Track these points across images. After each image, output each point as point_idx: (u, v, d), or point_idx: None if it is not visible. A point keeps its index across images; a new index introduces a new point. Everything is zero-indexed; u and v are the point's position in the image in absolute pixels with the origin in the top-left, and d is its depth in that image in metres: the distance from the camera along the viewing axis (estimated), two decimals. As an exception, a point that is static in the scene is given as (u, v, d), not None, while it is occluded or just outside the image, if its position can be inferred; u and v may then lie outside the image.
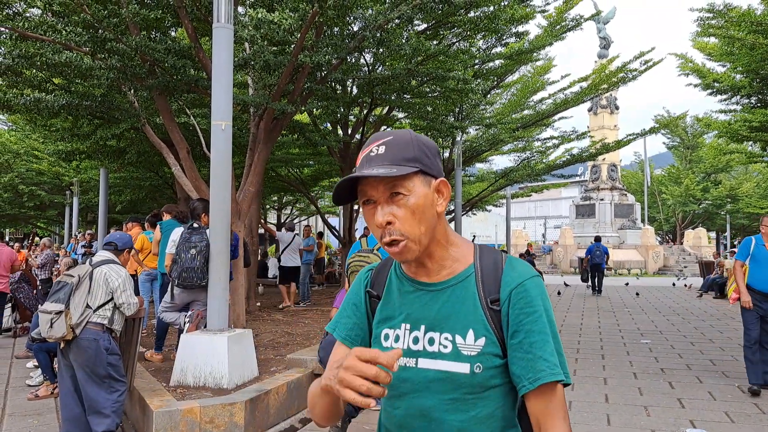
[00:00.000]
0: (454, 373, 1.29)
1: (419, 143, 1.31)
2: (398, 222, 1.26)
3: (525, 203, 76.30)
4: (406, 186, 1.26)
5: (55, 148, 14.47)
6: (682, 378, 7.16)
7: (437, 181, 1.32)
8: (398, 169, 1.24)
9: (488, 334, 1.29)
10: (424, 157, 1.30)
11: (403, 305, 1.38)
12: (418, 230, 1.27)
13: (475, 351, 1.28)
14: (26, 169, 22.25)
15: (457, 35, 10.73)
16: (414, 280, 1.39)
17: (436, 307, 1.34)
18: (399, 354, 1.11)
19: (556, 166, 18.59)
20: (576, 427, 5.26)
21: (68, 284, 4.43)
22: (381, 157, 1.27)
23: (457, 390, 1.29)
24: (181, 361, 5.41)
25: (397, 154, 1.27)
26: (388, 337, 1.38)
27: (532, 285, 1.31)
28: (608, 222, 35.48)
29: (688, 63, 14.50)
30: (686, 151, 47.17)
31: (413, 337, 1.35)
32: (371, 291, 1.46)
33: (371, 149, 1.29)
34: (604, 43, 37.02)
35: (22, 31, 7.03)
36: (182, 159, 8.23)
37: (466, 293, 1.33)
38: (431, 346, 1.32)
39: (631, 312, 14.12)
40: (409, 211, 1.26)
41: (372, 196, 1.28)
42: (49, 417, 5.54)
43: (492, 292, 1.32)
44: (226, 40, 5.67)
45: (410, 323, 1.36)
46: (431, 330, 1.33)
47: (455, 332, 1.30)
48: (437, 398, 1.30)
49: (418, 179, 1.28)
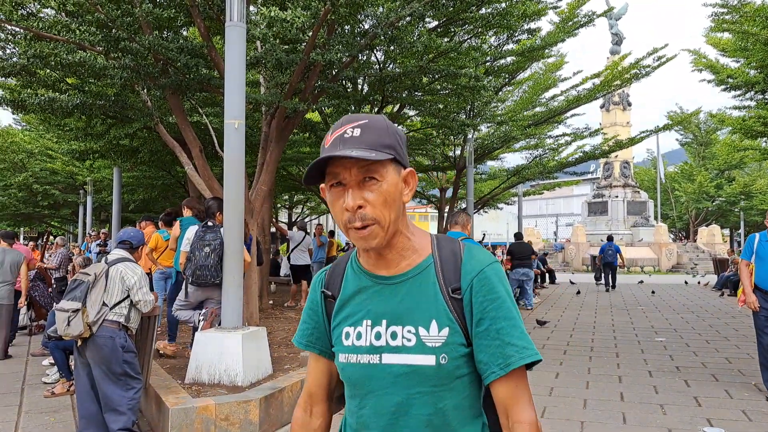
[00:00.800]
0: (420, 366, 1.27)
1: (394, 131, 1.29)
2: (369, 206, 1.23)
3: (537, 201, 76.00)
4: (380, 172, 1.24)
5: (69, 147, 14.59)
6: (698, 376, 7.10)
7: (406, 171, 1.31)
8: (377, 153, 1.21)
9: (452, 324, 1.28)
10: (397, 145, 1.28)
11: (362, 301, 1.36)
12: (388, 216, 1.25)
13: (440, 342, 1.27)
14: (40, 169, 22.45)
15: (469, 32, 10.69)
16: (372, 274, 1.36)
17: (396, 301, 1.32)
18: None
19: (569, 163, 18.50)
20: (591, 425, 5.24)
21: (84, 282, 4.46)
22: (357, 140, 1.23)
23: (425, 383, 1.27)
24: (196, 358, 5.43)
25: (375, 138, 1.24)
26: (348, 335, 1.35)
27: (491, 271, 1.31)
28: (621, 219, 35.26)
29: (702, 59, 14.38)
30: (699, 147, 46.82)
31: (375, 332, 1.32)
32: (326, 291, 1.43)
33: (345, 130, 1.25)
34: (617, 39, 36.77)
35: (37, 31, 7.09)
36: (195, 158, 8.27)
37: (427, 284, 1.31)
38: (394, 340, 1.30)
39: (644, 310, 14.03)
40: (381, 197, 1.24)
41: (344, 179, 1.24)
42: (66, 414, 5.59)
43: (452, 281, 1.30)
44: (238, 39, 5.68)
45: (371, 319, 1.33)
46: (393, 324, 1.31)
47: (418, 324, 1.29)
48: (405, 393, 1.29)
49: (392, 166, 1.27)
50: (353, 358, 1.33)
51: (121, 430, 4.37)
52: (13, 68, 8.04)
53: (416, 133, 16.10)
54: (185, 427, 4.43)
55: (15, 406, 5.87)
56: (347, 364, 1.34)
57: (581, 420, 5.38)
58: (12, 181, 22.57)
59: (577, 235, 34.26)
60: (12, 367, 7.74)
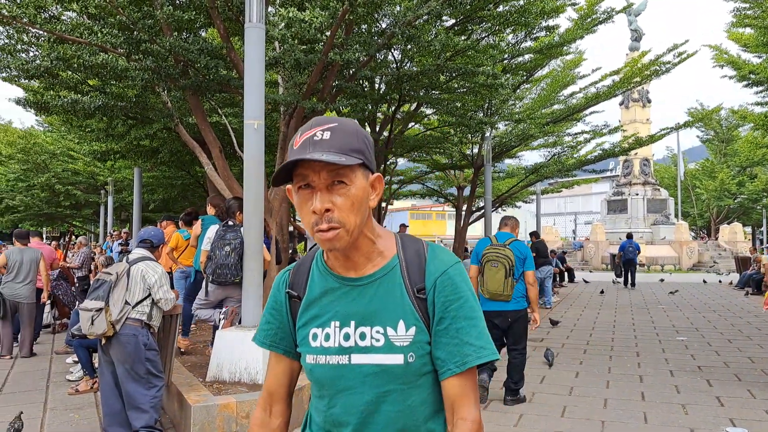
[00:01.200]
0: (389, 365, 1.30)
1: (363, 135, 1.30)
2: (337, 210, 1.25)
3: (555, 199, 75.55)
4: (349, 176, 1.25)
5: (90, 148, 14.80)
6: (720, 376, 7.02)
7: (374, 176, 1.33)
8: (346, 158, 1.22)
9: (418, 323, 1.32)
10: (366, 150, 1.29)
11: (330, 303, 1.37)
12: (354, 220, 1.27)
13: (407, 341, 1.31)
14: (62, 169, 22.79)
15: (486, 30, 10.66)
16: (339, 276, 1.37)
17: (364, 302, 1.34)
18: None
19: (587, 161, 18.36)
20: (612, 425, 5.21)
21: (106, 282, 4.53)
22: (326, 143, 1.23)
23: (394, 381, 1.31)
24: (217, 356, 5.48)
25: (344, 142, 1.25)
26: (316, 336, 1.37)
27: (455, 272, 1.34)
28: (641, 217, 34.87)
29: (723, 54, 14.17)
30: (721, 144, 46.16)
31: (344, 333, 1.34)
32: (291, 292, 1.44)
33: (315, 133, 1.26)
34: (636, 36, 36.35)
35: (60, 33, 7.19)
36: (215, 158, 8.34)
37: (393, 285, 1.34)
38: (363, 340, 1.32)
39: (665, 309, 13.89)
40: (349, 201, 1.25)
41: (312, 182, 1.25)
42: (89, 411, 5.67)
43: (417, 281, 1.34)
44: (257, 40, 5.72)
45: (339, 320, 1.35)
46: (362, 325, 1.33)
47: (386, 324, 1.32)
48: (374, 392, 1.32)
49: (360, 171, 1.28)
50: (322, 359, 1.35)
51: (143, 428, 4.43)
52: (36, 70, 8.17)
53: (434, 131, 16.08)
54: (207, 425, 4.48)
55: (40, 403, 5.97)
56: (316, 365, 1.37)
57: (602, 419, 5.35)
58: (35, 181, 22.93)
59: (596, 233, 33.96)
60: (37, 364, 7.87)
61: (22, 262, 8.32)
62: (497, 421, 5.33)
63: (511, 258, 5.70)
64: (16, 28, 7.92)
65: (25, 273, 8.34)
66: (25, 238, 8.75)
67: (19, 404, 5.91)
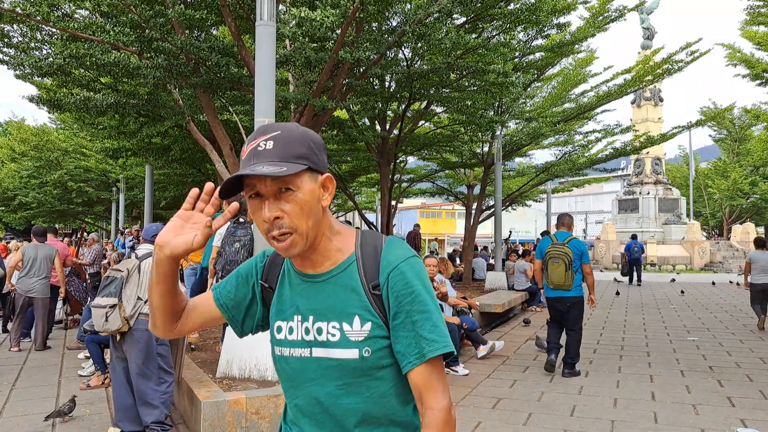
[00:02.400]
0: (344, 359, 1.34)
1: (307, 139, 1.32)
2: (287, 216, 1.28)
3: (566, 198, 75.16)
4: (295, 182, 1.28)
5: (102, 145, 14.91)
6: (732, 376, 6.97)
7: (323, 176, 1.35)
8: (288, 167, 1.25)
9: (374, 319, 1.34)
10: (312, 154, 1.31)
11: (293, 297, 1.42)
12: (306, 224, 1.30)
13: (362, 336, 1.33)
14: (75, 166, 22.94)
15: (497, 28, 10.64)
16: (300, 272, 1.42)
17: (321, 298, 1.38)
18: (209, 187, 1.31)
19: (598, 160, 18.25)
20: (622, 424, 5.19)
21: (118, 278, 4.57)
22: (270, 153, 1.26)
23: (349, 375, 1.35)
24: (227, 353, 5.51)
25: (287, 150, 1.27)
26: (281, 329, 1.43)
27: (406, 266, 1.35)
28: (652, 217, 34.66)
29: (737, 53, 14.06)
30: (733, 143, 45.75)
31: (304, 327, 1.39)
32: (264, 283, 1.49)
33: (258, 143, 1.28)
34: (648, 34, 36.10)
35: (73, 31, 7.25)
36: (225, 155, 8.38)
37: (350, 281, 1.37)
38: (320, 335, 1.37)
39: (676, 308, 13.81)
40: (298, 206, 1.28)
41: (260, 191, 1.28)
42: (101, 406, 5.72)
43: (373, 277, 1.36)
44: (268, 38, 5.73)
45: (301, 315, 1.40)
46: (319, 320, 1.37)
47: (342, 320, 1.35)
48: (332, 384, 1.36)
49: (306, 175, 1.30)
50: (287, 352, 1.41)
51: (154, 423, 4.47)
52: (49, 68, 8.25)
53: (444, 129, 16.06)
54: (217, 421, 4.51)
55: (53, 398, 6.03)
56: (281, 357, 1.42)
57: (611, 419, 5.33)
58: (48, 178, 23.11)
59: (606, 232, 33.79)
60: (49, 359, 7.94)
61: (36, 258, 8.45)
62: (506, 419, 5.33)
63: (569, 255, 6.82)
64: (29, 26, 7.99)
65: (39, 269, 8.46)
66: (42, 236, 8.88)
67: (32, 399, 5.98)
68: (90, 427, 5.09)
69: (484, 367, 7.45)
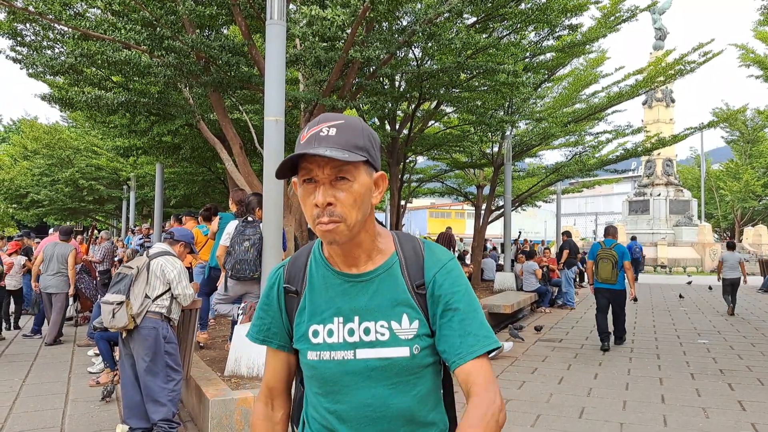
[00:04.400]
0: (395, 358, 1.34)
1: (368, 133, 1.33)
2: (339, 205, 1.27)
3: (576, 199, 74.83)
4: (353, 172, 1.28)
5: (114, 144, 14.98)
6: (743, 380, 6.91)
7: (378, 174, 1.36)
8: (350, 155, 1.25)
9: (420, 317, 1.36)
10: (371, 148, 1.32)
11: (331, 299, 1.39)
12: (355, 216, 1.29)
13: (411, 334, 1.35)
14: (86, 165, 23.10)
15: (508, 28, 10.59)
16: (340, 272, 1.40)
17: (366, 297, 1.37)
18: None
19: (609, 161, 18.14)
20: (631, 427, 5.15)
21: (128, 276, 4.59)
22: (332, 139, 1.26)
23: (400, 374, 1.34)
24: (235, 351, 5.52)
25: (349, 139, 1.28)
26: (317, 333, 1.39)
27: (453, 266, 1.40)
28: (663, 218, 34.41)
29: (750, 54, 13.95)
30: (746, 145, 45.33)
31: (348, 329, 1.36)
32: (288, 287, 1.45)
33: (321, 129, 1.28)
34: (660, 34, 35.87)
35: (84, 30, 7.28)
36: (235, 154, 8.40)
37: (395, 280, 1.38)
38: (368, 335, 1.35)
39: (687, 311, 13.71)
40: (352, 197, 1.28)
41: (316, 176, 1.28)
42: (110, 404, 5.75)
43: (417, 277, 1.38)
44: (279, 37, 5.74)
45: (343, 316, 1.37)
46: (366, 320, 1.36)
47: (390, 318, 1.35)
48: (381, 385, 1.34)
49: (364, 168, 1.31)
50: (326, 355, 1.36)
51: (161, 420, 4.48)
52: (61, 67, 8.29)
53: (453, 129, 16.02)
54: (225, 418, 4.52)
55: (62, 395, 6.06)
56: (319, 362, 1.37)
57: (620, 421, 5.30)
58: (59, 176, 23.27)
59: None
60: (59, 356, 8.00)
61: (53, 256, 8.87)
62: (515, 421, 5.31)
63: (615, 256, 8.93)
64: (42, 25, 8.04)
65: (55, 266, 8.86)
66: (66, 234, 9.38)
67: (42, 395, 6.02)
68: (99, 424, 5.12)
69: (492, 367, 7.42)
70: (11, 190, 26.82)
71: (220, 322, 8.57)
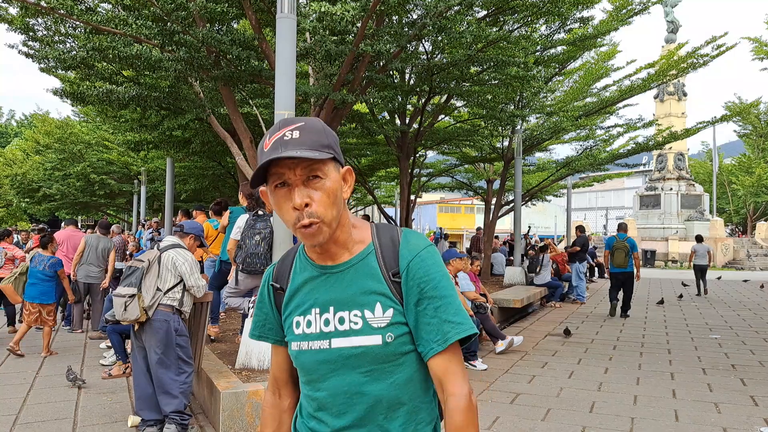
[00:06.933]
0: (368, 346, 1.36)
1: (329, 132, 1.36)
2: (315, 204, 1.30)
3: (586, 193, 74.54)
4: (324, 170, 1.31)
5: (124, 138, 15.06)
6: (755, 375, 6.87)
7: (345, 168, 1.39)
8: (319, 153, 1.28)
9: (394, 305, 1.37)
10: (335, 145, 1.35)
11: (310, 291, 1.44)
12: (331, 213, 1.32)
13: (384, 322, 1.36)
14: (97, 159, 23.22)
15: (519, 21, 10.53)
16: (318, 265, 1.43)
17: (342, 287, 1.40)
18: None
19: (620, 155, 18.03)
20: (642, 422, 5.13)
21: (139, 269, 4.62)
22: (297, 142, 1.28)
23: (374, 361, 1.37)
24: (246, 344, 5.55)
25: (314, 139, 1.30)
26: (299, 324, 1.44)
27: (427, 255, 1.39)
28: (674, 213, 34.18)
29: (763, 47, 13.79)
30: (759, 139, 44.95)
31: (324, 319, 1.40)
32: (274, 284, 1.51)
33: (284, 133, 1.30)
34: (672, 27, 35.56)
35: (96, 24, 7.31)
36: (246, 148, 8.42)
37: (369, 270, 1.40)
38: (342, 324, 1.38)
39: (698, 306, 13.63)
40: (326, 194, 1.31)
41: (289, 178, 1.30)
42: (122, 395, 5.79)
43: (392, 266, 1.39)
44: (289, 31, 5.73)
45: (319, 307, 1.41)
46: (340, 309, 1.39)
47: (364, 308, 1.37)
48: (356, 372, 1.38)
49: (332, 165, 1.34)
50: (305, 345, 1.42)
51: (173, 413, 4.51)
52: (73, 61, 8.35)
53: (464, 124, 15.97)
54: (236, 411, 4.54)
55: (75, 387, 6.11)
56: (299, 352, 1.43)
57: (631, 416, 5.28)
58: (71, 170, 23.42)
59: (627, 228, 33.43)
60: (71, 348, 8.07)
61: (97, 248, 9.31)
62: (525, 415, 5.30)
63: (627, 247, 11.47)
64: (54, 20, 8.08)
65: (96, 259, 9.29)
66: (106, 228, 9.83)
67: (55, 387, 6.07)
68: (111, 416, 5.16)
69: (502, 362, 7.42)
70: (24, 184, 27.04)
71: (231, 315, 8.61)
